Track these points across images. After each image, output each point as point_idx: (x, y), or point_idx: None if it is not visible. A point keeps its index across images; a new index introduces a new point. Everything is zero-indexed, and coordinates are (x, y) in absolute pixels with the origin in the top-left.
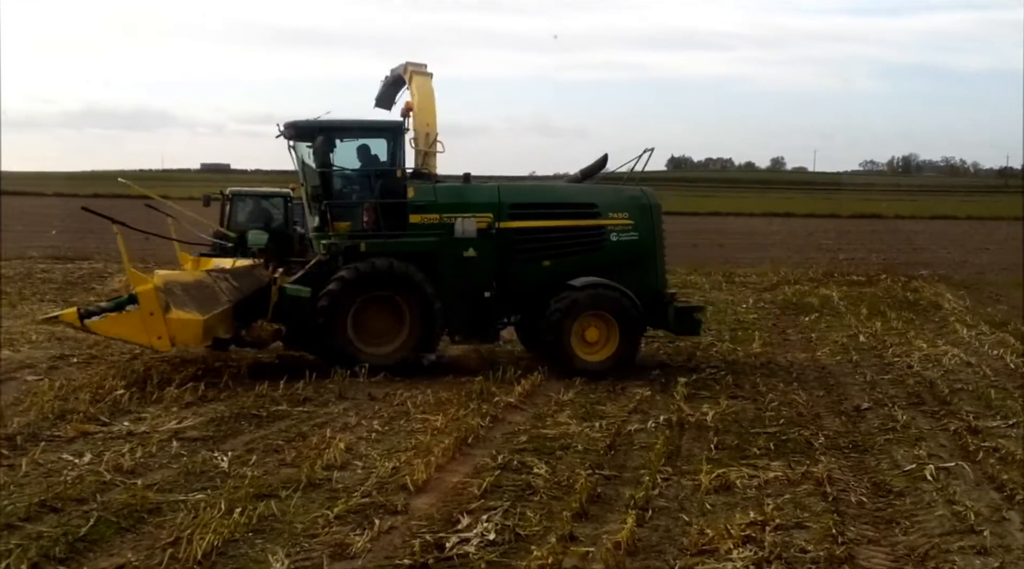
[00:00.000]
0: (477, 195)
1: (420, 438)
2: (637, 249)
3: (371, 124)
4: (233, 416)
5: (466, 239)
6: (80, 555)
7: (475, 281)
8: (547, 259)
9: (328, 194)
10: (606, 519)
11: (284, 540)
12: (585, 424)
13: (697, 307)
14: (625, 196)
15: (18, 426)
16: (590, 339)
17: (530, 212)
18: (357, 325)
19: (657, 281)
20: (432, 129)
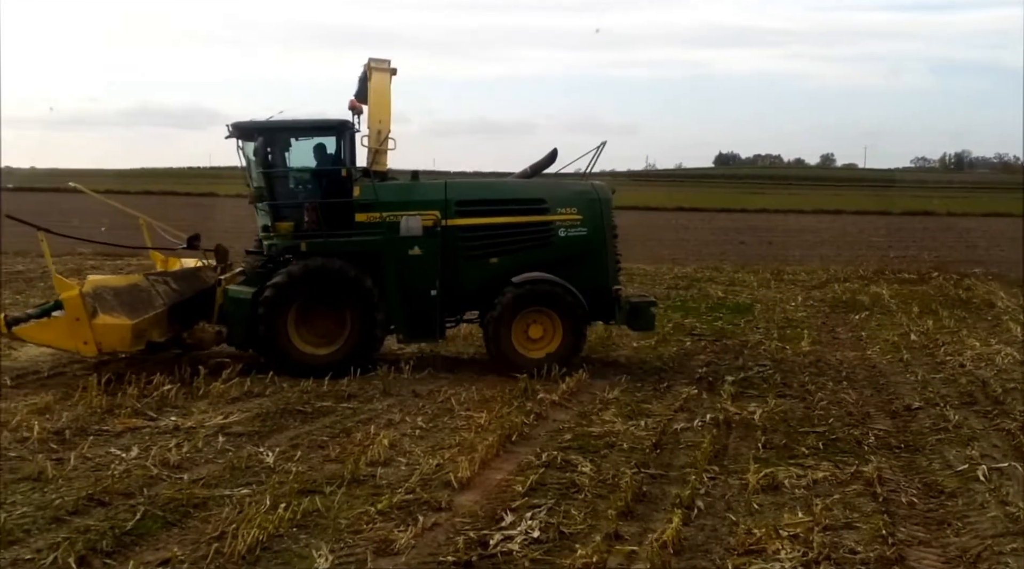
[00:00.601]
0: (424, 193)
1: (464, 435)
2: (586, 244)
3: (313, 123)
4: (278, 412)
5: (411, 237)
6: (127, 548)
7: (421, 280)
8: (495, 256)
9: (271, 194)
10: (652, 518)
11: (328, 536)
12: (630, 422)
13: (651, 302)
14: (573, 191)
15: (67, 420)
16: (534, 335)
17: (477, 209)
18: (300, 326)
19: (607, 276)
20: (384, 126)
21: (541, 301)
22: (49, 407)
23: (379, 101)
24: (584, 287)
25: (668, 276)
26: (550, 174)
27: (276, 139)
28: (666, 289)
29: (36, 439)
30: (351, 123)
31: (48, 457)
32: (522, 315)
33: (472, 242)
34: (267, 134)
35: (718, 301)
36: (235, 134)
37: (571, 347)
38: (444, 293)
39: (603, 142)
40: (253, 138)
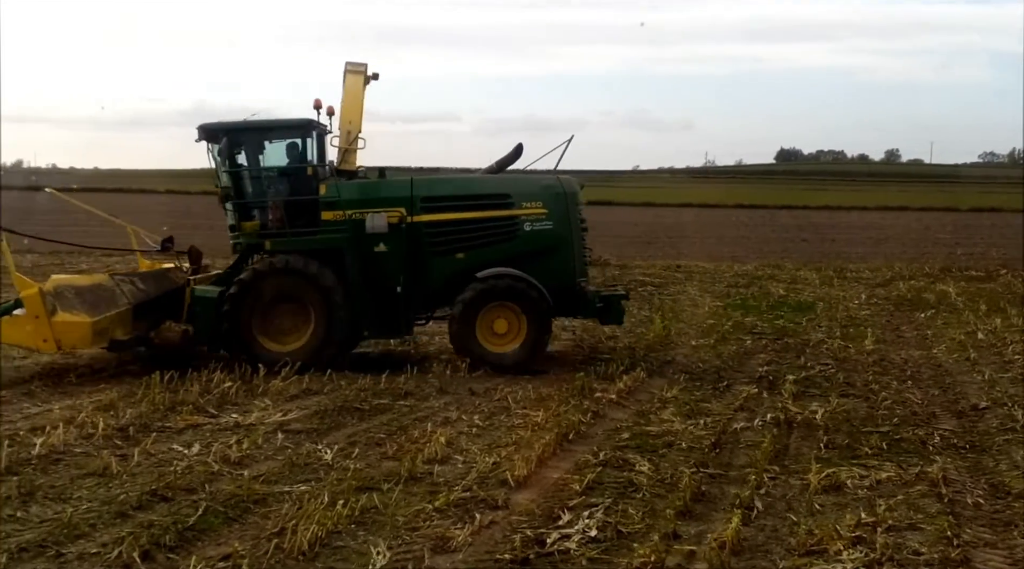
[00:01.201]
0: (389, 190)
1: (521, 433)
2: (551, 238)
3: (277, 124)
4: (336, 409)
5: (377, 234)
6: (189, 543)
7: (386, 276)
8: (460, 251)
9: (237, 194)
10: (711, 518)
11: (386, 532)
12: (689, 422)
13: (620, 295)
14: (539, 185)
15: (131, 417)
16: (499, 330)
17: (443, 205)
18: (265, 323)
19: (573, 270)
20: (355, 126)
21: (504, 296)
22: (113, 404)
23: (351, 102)
24: (550, 281)
25: (728, 274)
26: (518, 169)
27: (241, 140)
28: (726, 287)
29: (101, 435)
30: (317, 123)
31: (112, 453)
32: (486, 310)
33: (438, 238)
34: (232, 135)
35: (779, 299)
36: (203, 136)
37: (536, 341)
38: (411, 289)
39: (571, 136)
40: (219, 139)
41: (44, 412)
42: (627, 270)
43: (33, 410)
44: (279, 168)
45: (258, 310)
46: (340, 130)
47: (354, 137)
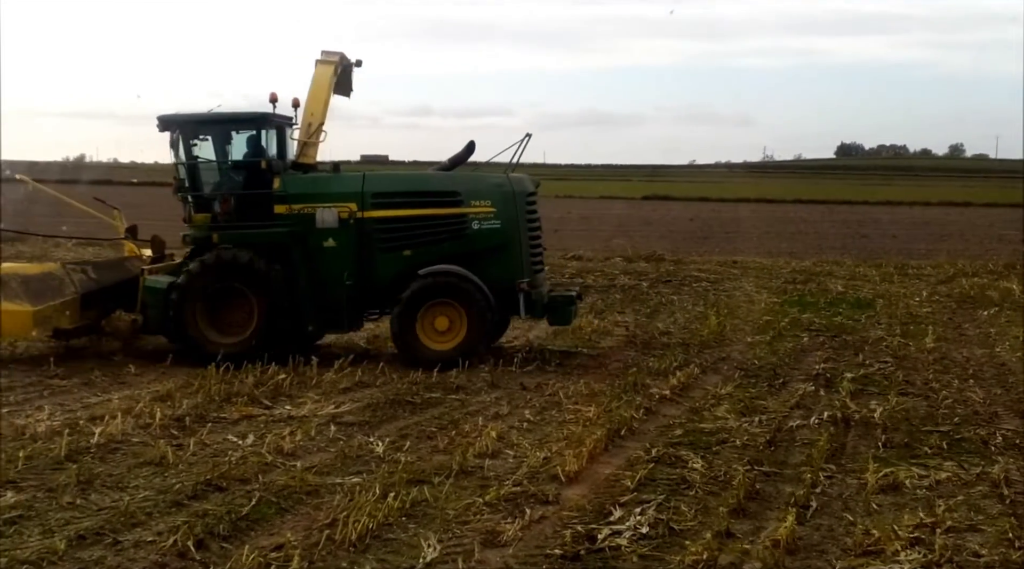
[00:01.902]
0: (341, 185)
1: (572, 429)
2: (499, 237)
3: (232, 116)
4: (388, 402)
5: (326, 229)
6: (242, 533)
7: (335, 271)
8: (409, 248)
9: (191, 186)
10: (765, 516)
11: (436, 526)
12: (744, 419)
13: (569, 297)
14: (488, 184)
15: (187, 408)
16: (440, 328)
17: (393, 201)
18: (212, 315)
19: (521, 269)
20: (316, 119)
21: (445, 293)
22: (170, 394)
23: (315, 94)
24: (497, 280)
25: (785, 270)
26: (470, 166)
27: (197, 132)
28: (783, 283)
29: (157, 425)
30: (273, 116)
31: (169, 443)
32: (428, 308)
33: (387, 234)
34: (187, 127)
35: (838, 296)
36: (162, 127)
37: (477, 340)
38: (360, 285)
39: (528, 135)
40: (176, 130)
41: (103, 402)
42: (682, 265)
43: (93, 399)
44: (233, 161)
45: (203, 302)
46: (302, 123)
47: (315, 130)
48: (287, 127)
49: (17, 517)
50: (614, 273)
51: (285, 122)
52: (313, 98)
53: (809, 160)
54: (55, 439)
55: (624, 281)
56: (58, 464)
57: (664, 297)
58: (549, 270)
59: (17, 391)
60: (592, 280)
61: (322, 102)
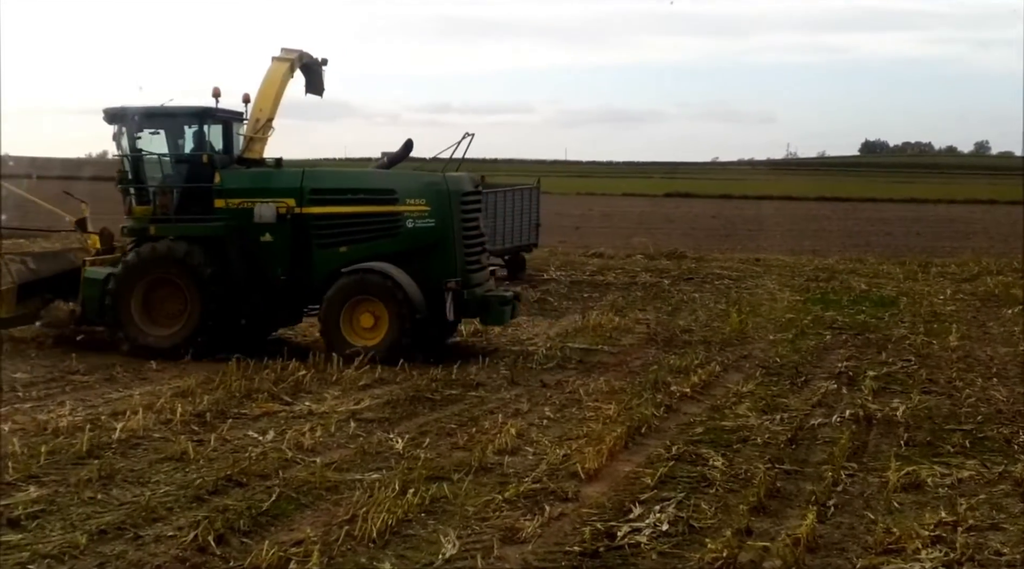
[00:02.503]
0: (280, 180)
1: (592, 426)
2: (433, 236)
3: (173, 111)
4: (408, 399)
5: (263, 224)
6: (263, 528)
7: (271, 266)
8: (344, 245)
9: (134, 178)
10: (785, 514)
11: (455, 522)
12: (765, 417)
13: (504, 297)
14: (423, 182)
15: (207, 404)
16: (365, 324)
17: (330, 198)
18: (148, 307)
19: (454, 268)
20: (264, 115)
21: (366, 291)
22: (191, 390)
23: (265, 91)
24: (431, 279)
25: (808, 268)
26: (408, 164)
27: (140, 125)
28: (805, 281)
29: (179, 421)
30: (215, 110)
31: (190, 438)
32: (353, 305)
33: (324, 230)
34: (131, 120)
35: (861, 294)
36: (107, 119)
37: (398, 337)
38: (297, 280)
39: (469, 134)
40: (120, 123)
41: (125, 397)
42: (704, 263)
43: (114, 395)
44: (174, 155)
45: (139, 294)
46: (250, 118)
47: (262, 126)
48: (235, 122)
49: (39, 512)
50: (635, 270)
51: (233, 117)
52: (263, 94)
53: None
54: (77, 434)
55: (645, 278)
56: (80, 459)
57: (686, 295)
58: (569, 267)
59: (39, 386)
60: (613, 277)
61: (271, 98)
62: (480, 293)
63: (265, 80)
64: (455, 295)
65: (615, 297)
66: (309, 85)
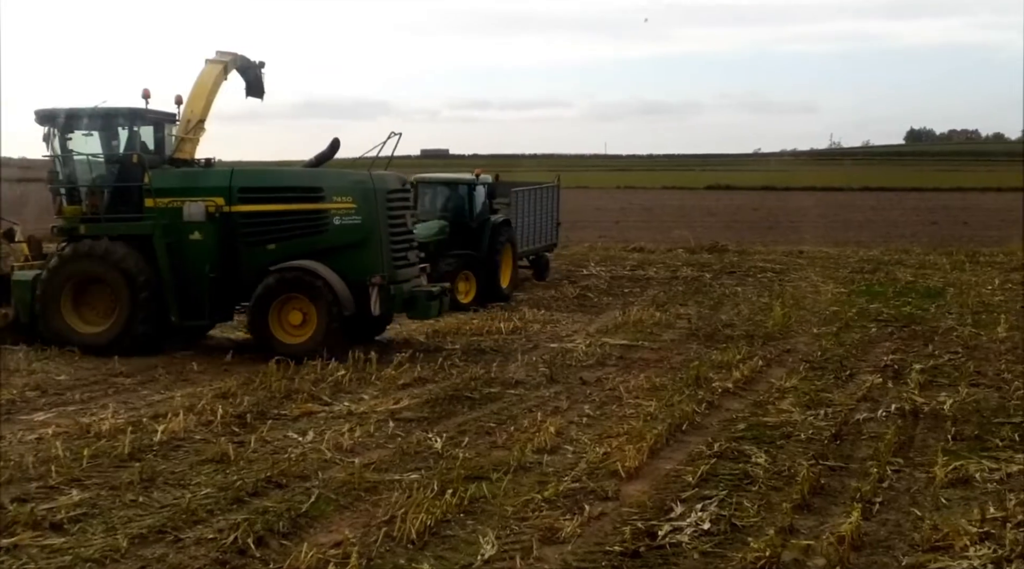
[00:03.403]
0: (210, 179)
1: (632, 424)
2: (359, 232)
3: (103, 112)
4: (447, 398)
5: (192, 222)
6: (302, 530)
7: (200, 264)
8: (272, 242)
9: (65, 179)
10: (829, 512)
11: (494, 522)
12: (809, 412)
13: (430, 292)
14: (350, 180)
15: (248, 405)
16: (294, 322)
17: (259, 196)
18: (79, 306)
19: (379, 265)
20: (196, 116)
21: (295, 289)
22: (232, 392)
23: (197, 92)
24: (357, 275)
25: (852, 259)
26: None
27: (72, 126)
28: (850, 273)
29: (219, 422)
30: (145, 112)
31: (230, 440)
32: (282, 302)
33: (252, 229)
34: (61, 121)
35: (907, 285)
36: (38, 120)
37: (327, 333)
38: (226, 278)
39: (394, 133)
40: (51, 124)
41: (166, 399)
42: (746, 256)
43: (156, 397)
44: (105, 155)
45: (68, 293)
46: (181, 119)
47: (194, 126)
48: (167, 123)
49: (81, 515)
50: (676, 265)
51: (165, 118)
52: (195, 96)
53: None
54: (119, 437)
55: (687, 273)
56: (121, 462)
57: (728, 288)
58: (609, 261)
59: (82, 389)
60: (654, 272)
61: (203, 99)
62: (407, 288)
63: (197, 82)
64: (380, 290)
65: (656, 292)
66: (249, 88)
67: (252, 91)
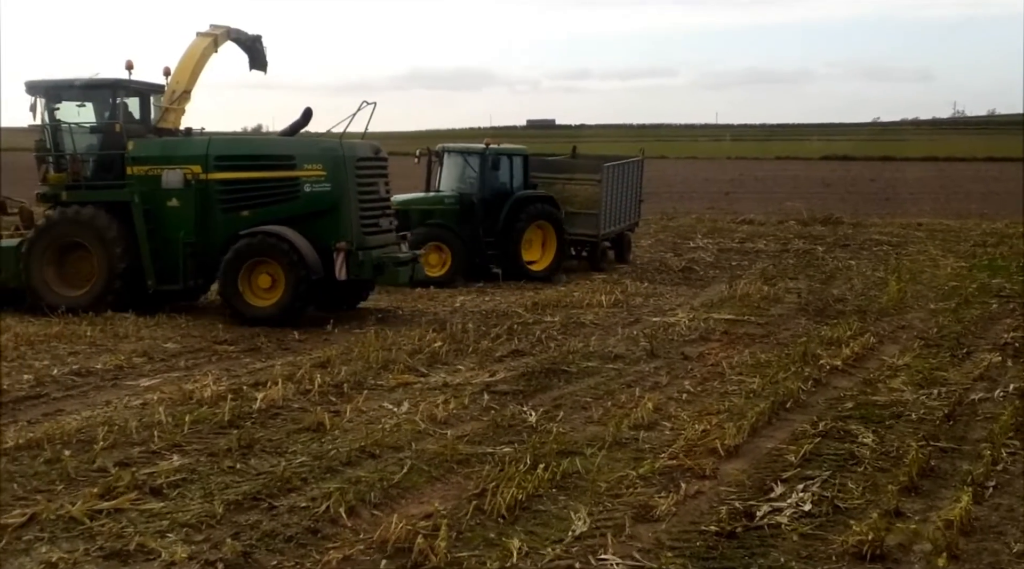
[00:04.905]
0: (187, 148)
1: (734, 400)
2: (329, 199)
3: (86, 83)
4: (543, 371)
5: (170, 190)
6: (393, 501)
7: (176, 230)
8: (247, 209)
9: (51, 147)
10: (938, 495)
11: (587, 498)
12: (921, 391)
13: (399, 259)
14: (320, 148)
15: (345, 374)
16: (263, 285)
17: (234, 164)
18: (61, 270)
19: (348, 231)
20: (180, 87)
21: (262, 253)
22: (330, 361)
23: (184, 64)
24: (326, 240)
25: (974, 232)
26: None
27: (58, 96)
28: (971, 246)
29: (317, 391)
30: (128, 82)
31: (326, 409)
32: (251, 267)
33: (227, 196)
34: (49, 91)
35: None
36: (28, 91)
37: (294, 297)
38: (201, 244)
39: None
40: (39, 94)
41: (267, 367)
42: (861, 228)
43: (257, 365)
44: (89, 124)
45: (50, 258)
46: (167, 90)
47: (178, 97)
48: (152, 94)
49: (180, 480)
50: (788, 237)
51: (150, 89)
52: (181, 67)
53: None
54: (220, 404)
55: (798, 245)
56: (221, 429)
57: (841, 262)
58: (717, 234)
59: (187, 356)
60: (764, 245)
61: (188, 71)
62: (376, 255)
63: (185, 54)
64: (346, 255)
65: (765, 265)
66: (252, 61)
67: (255, 64)
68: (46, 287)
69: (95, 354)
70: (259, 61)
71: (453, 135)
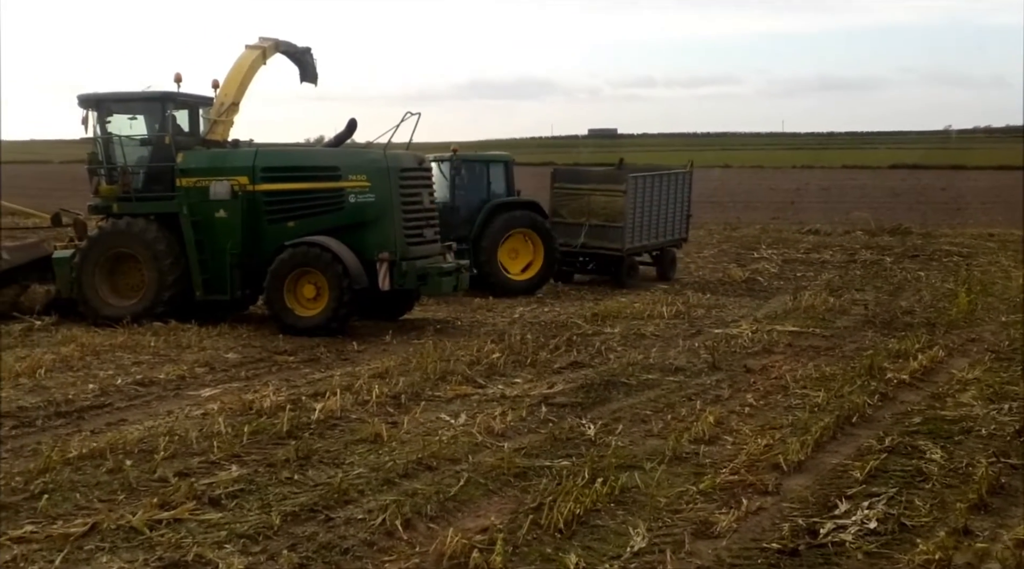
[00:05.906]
0: (234, 159)
1: (798, 415)
2: (373, 210)
3: (137, 95)
4: (602, 383)
5: (218, 201)
6: (449, 514)
7: (224, 241)
8: (293, 220)
9: (103, 160)
10: (1008, 513)
11: (646, 513)
12: (992, 406)
13: (443, 269)
14: (365, 159)
15: (403, 385)
16: (308, 296)
17: (281, 175)
18: (113, 280)
19: (391, 242)
20: (228, 99)
21: (306, 263)
22: (388, 371)
23: (232, 76)
24: (371, 250)
25: None
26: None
27: (110, 109)
28: None
29: (375, 402)
30: (177, 95)
31: (384, 420)
32: (296, 277)
33: (274, 206)
34: (100, 104)
35: None
36: (80, 104)
37: (338, 307)
38: (248, 255)
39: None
40: (91, 107)
41: (326, 378)
42: (931, 239)
43: (316, 375)
44: (139, 137)
45: (103, 268)
46: (215, 102)
47: (226, 109)
48: (201, 106)
49: (239, 491)
50: (854, 247)
51: (199, 101)
52: (230, 79)
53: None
54: (278, 414)
55: (865, 256)
56: (280, 439)
57: (909, 273)
58: (782, 244)
59: (247, 367)
60: (829, 255)
61: (236, 83)
62: (420, 265)
63: (234, 66)
64: (389, 266)
65: (831, 276)
66: (302, 74)
67: (306, 76)
68: (97, 297)
69: (158, 364)
70: (309, 73)
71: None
